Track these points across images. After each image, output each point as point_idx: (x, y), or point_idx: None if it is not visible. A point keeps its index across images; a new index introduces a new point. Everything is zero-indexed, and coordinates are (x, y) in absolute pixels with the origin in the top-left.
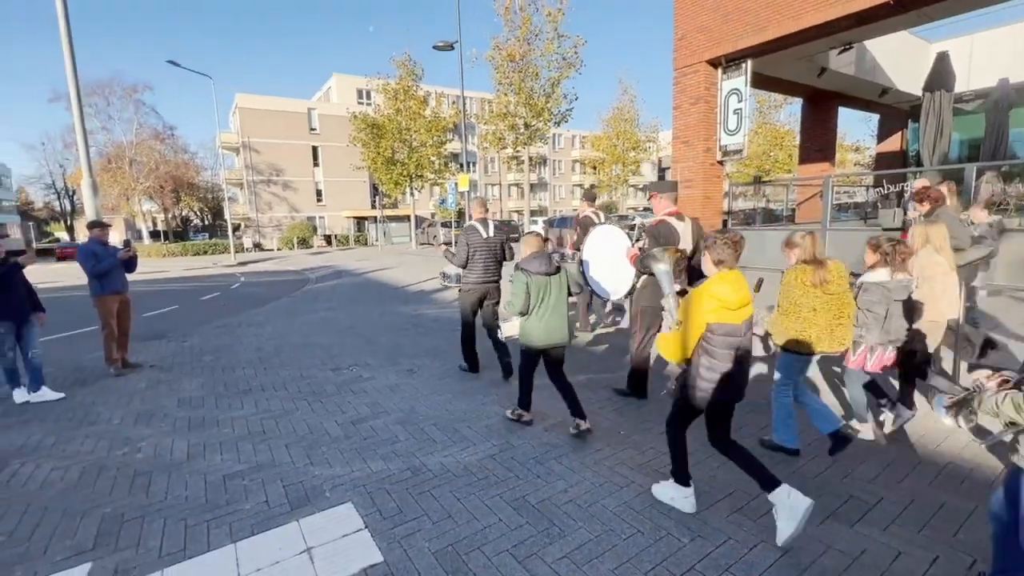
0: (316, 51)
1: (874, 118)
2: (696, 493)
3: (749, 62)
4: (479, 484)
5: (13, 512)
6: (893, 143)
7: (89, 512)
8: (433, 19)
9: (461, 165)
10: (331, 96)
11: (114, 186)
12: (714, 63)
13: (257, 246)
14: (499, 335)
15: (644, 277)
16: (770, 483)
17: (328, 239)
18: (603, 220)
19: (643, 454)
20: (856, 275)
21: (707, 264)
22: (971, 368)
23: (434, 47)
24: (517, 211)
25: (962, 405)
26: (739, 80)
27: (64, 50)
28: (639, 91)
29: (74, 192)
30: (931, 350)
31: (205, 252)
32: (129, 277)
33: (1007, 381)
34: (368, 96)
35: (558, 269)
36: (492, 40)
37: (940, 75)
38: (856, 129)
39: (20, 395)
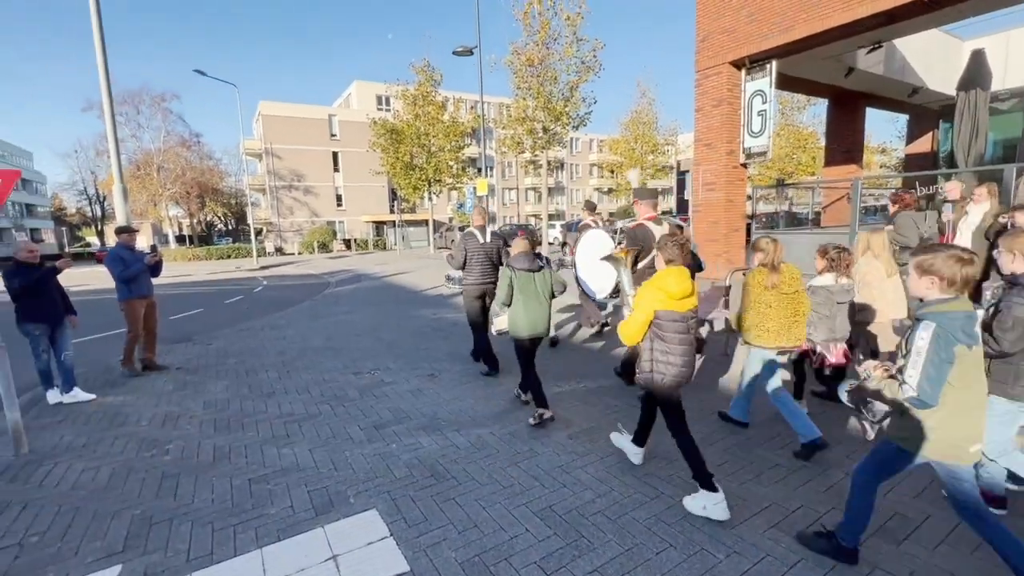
0: (337, 59)
1: (902, 118)
2: (731, 507)
3: (774, 63)
4: (504, 492)
5: (46, 512)
6: (923, 144)
7: (119, 514)
8: (452, 25)
9: (479, 169)
10: (351, 103)
11: (143, 192)
12: (737, 64)
13: (279, 250)
14: (491, 330)
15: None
16: (706, 482)
17: (347, 243)
18: (600, 227)
19: (672, 464)
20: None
21: (659, 262)
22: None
23: (454, 53)
24: (535, 215)
25: (859, 391)
26: (763, 81)
27: (99, 64)
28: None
29: (105, 198)
30: (883, 349)
31: (228, 256)
32: (155, 281)
33: (887, 370)
34: (387, 102)
35: (541, 268)
36: (511, 45)
37: (975, 73)
38: (882, 130)
39: (53, 396)
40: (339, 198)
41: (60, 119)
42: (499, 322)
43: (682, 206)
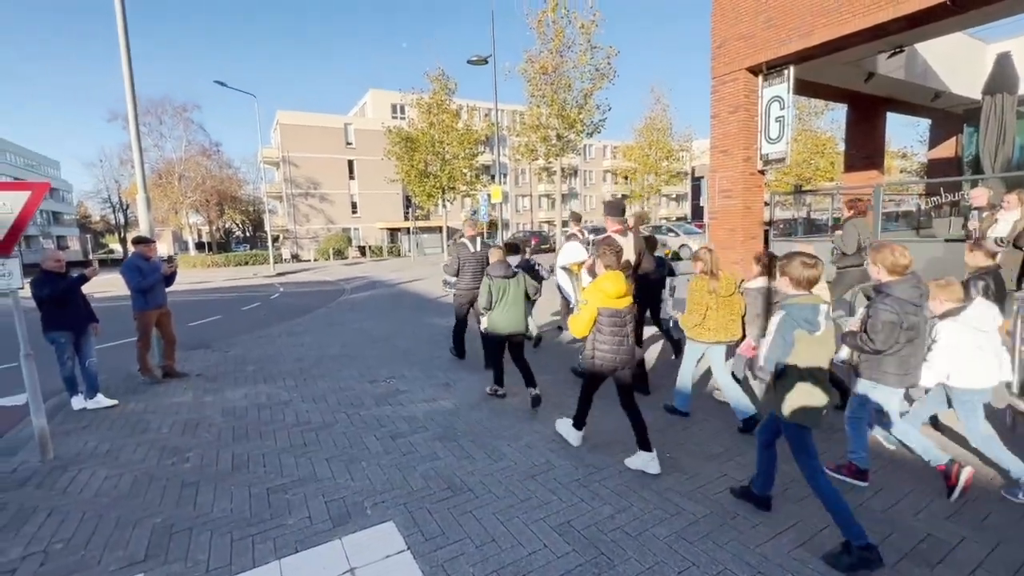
0: (352, 68)
1: (924, 123)
2: (755, 524)
3: (792, 68)
4: (522, 506)
5: (71, 519)
6: (947, 149)
7: (140, 522)
8: (466, 34)
9: (492, 177)
10: (366, 111)
11: (164, 200)
12: (754, 70)
13: (295, 257)
14: (480, 327)
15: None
16: (645, 445)
17: (362, 250)
18: (587, 237)
19: (693, 480)
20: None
21: (599, 267)
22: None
23: (468, 62)
24: (548, 222)
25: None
26: (781, 87)
27: (125, 79)
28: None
29: (128, 206)
30: None
31: (246, 263)
32: (175, 287)
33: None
34: (402, 111)
35: (515, 274)
36: (525, 53)
37: (1001, 77)
38: (902, 134)
39: (77, 402)
40: (354, 205)
41: (86, 129)
42: (484, 320)
43: (697, 213)
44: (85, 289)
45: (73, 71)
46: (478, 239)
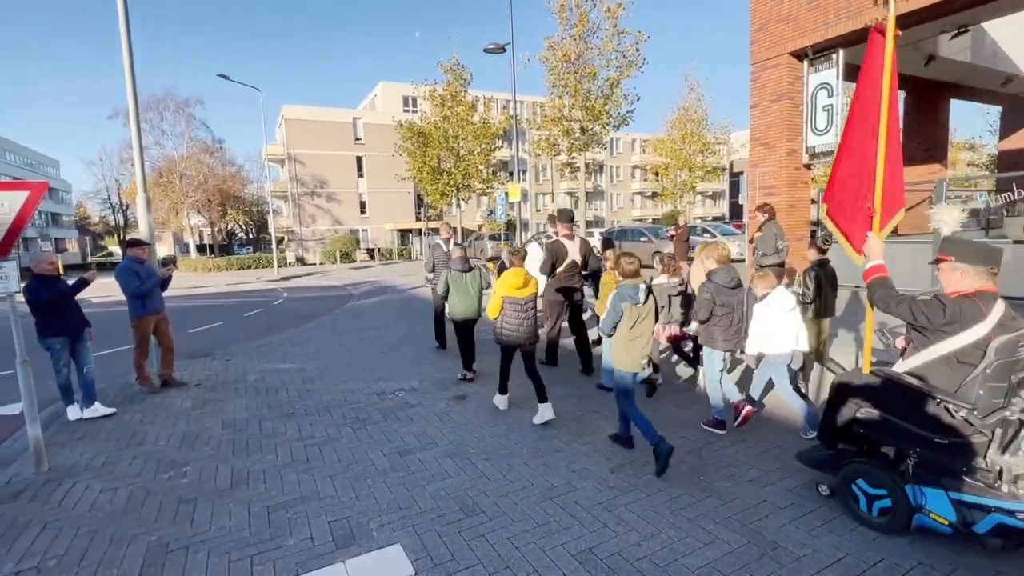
0: (362, 59)
1: (995, 110)
2: (798, 557)
3: (841, 52)
4: (539, 531)
5: (64, 535)
6: (1020, 139)
7: (135, 539)
8: (483, 21)
9: (511, 173)
10: (376, 105)
11: (165, 200)
12: (799, 55)
13: (300, 260)
14: (446, 312)
15: (546, 279)
16: (542, 399)
17: (371, 252)
18: (593, 243)
19: (729, 506)
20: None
21: (510, 263)
22: None
23: (485, 50)
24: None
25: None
26: (829, 73)
27: (126, 73)
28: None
29: (128, 207)
30: None
31: (249, 266)
32: (175, 292)
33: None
34: (414, 104)
35: (471, 269)
36: (546, 40)
37: None
38: (971, 123)
39: (73, 412)
40: (363, 205)
41: (86, 126)
42: (448, 306)
43: (735, 211)
44: (84, 293)
45: (73, 67)
46: (451, 241)
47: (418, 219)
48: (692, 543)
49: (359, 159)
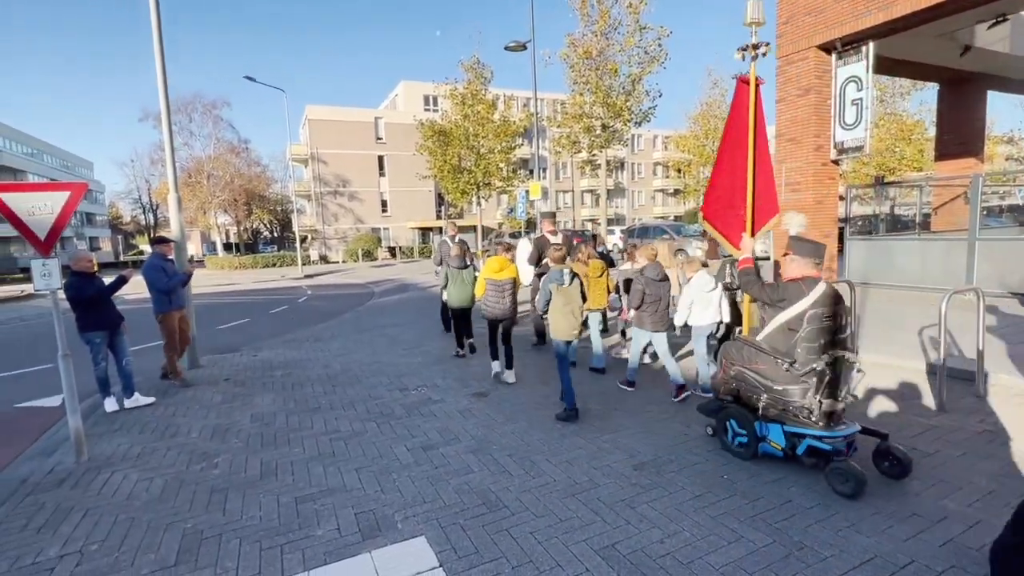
0: (384, 59)
1: None
2: (825, 557)
3: (871, 44)
4: (561, 526)
5: (105, 521)
6: None
7: (171, 527)
8: (504, 19)
9: (531, 171)
10: (397, 104)
11: (193, 200)
12: (827, 48)
13: (323, 258)
14: (443, 296)
15: (534, 270)
16: (510, 366)
17: (392, 251)
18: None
19: (754, 505)
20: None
21: (495, 253)
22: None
23: (506, 48)
24: (592, 219)
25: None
26: (858, 66)
27: (158, 80)
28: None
29: (158, 206)
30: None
31: (274, 264)
32: (203, 289)
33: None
34: (435, 102)
35: (467, 266)
36: (567, 37)
37: None
38: (1009, 116)
39: (110, 404)
40: (384, 204)
41: (119, 128)
42: (445, 294)
43: None
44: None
45: (106, 71)
46: (457, 237)
47: (439, 217)
48: (716, 541)
49: (381, 158)
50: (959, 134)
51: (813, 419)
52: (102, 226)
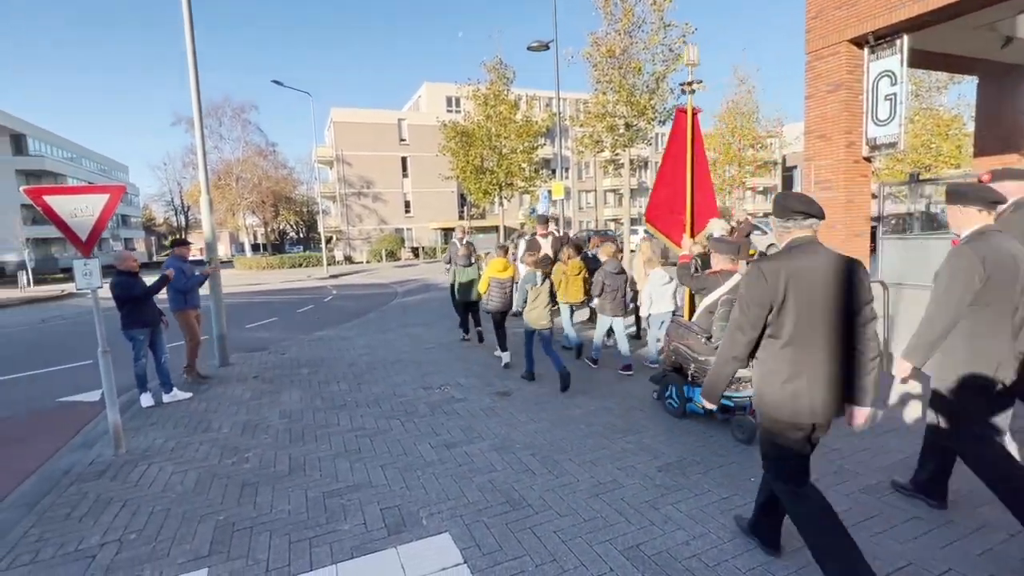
0: (407, 61)
1: None
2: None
3: (906, 37)
4: (586, 526)
5: (142, 511)
6: None
7: (204, 518)
8: (526, 19)
9: (553, 171)
10: (420, 105)
11: (222, 202)
12: (859, 42)
13: (347, 259)
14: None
15: (525, 269)
16: (503, 348)
17: (415, 251)
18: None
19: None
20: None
21: (497, 255)
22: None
23: (528, 48)
24: (615, 219)
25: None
26: (892, 60)
27: (191, 88)
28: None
29: (189, 208)
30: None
31: (300, 265)
32: (233, 289)
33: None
34: (457, 104)
35: (471, 264)
36: (590, 36)
37: None
38: None
39: (146, 400)
40: (407, 204)
41: (152, 132)
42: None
43: None
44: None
45: (141, 76)
46: (465, 238)
47: (461, 218)
48: (743, 544)
49: (404, 159)
50: (999, 129)
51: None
52: (136, 227)
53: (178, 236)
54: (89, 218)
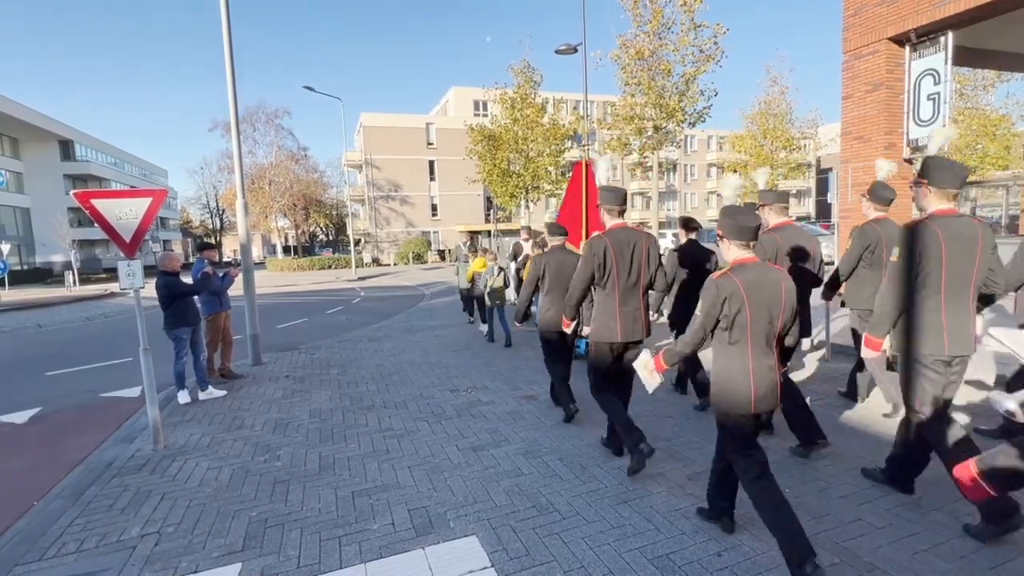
0: (435, 65)
1: None
2: None
3: (950, 34)
4: (614, 533)
5: (179, 505)
6: None
7: (238, 514)
8: (554, 23)
9: None
10: (448, 110)
11: (255, 205)
12: (899, 40)
13: (375, 261)
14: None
15: (514, 264)
16: (484, 321)
17: (441, 254)
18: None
19: (820, 522)
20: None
21: (483, 255)
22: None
23: (556, 51)
24: (643, 222)
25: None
26: (935, 58)
27: (229, 94)
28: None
29: (224, 211)
30: None
31: (329, 267)
32: (265, 290)
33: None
34: (485, 107)
35: (467, 260)
36: (618, 38)
37: None
38: None
39: (183, 397)
40: (434, 208)
41: (189, 137)
42: (465, 283)
43: (824, 210)
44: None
45: (179, 84)
46: (467, 243)
47: (487, 221)
48: (778, 558)
49: (431, 163)
50: None
51: None
52: (174, 230)
53: (202, 239)
54: (133, 221)
